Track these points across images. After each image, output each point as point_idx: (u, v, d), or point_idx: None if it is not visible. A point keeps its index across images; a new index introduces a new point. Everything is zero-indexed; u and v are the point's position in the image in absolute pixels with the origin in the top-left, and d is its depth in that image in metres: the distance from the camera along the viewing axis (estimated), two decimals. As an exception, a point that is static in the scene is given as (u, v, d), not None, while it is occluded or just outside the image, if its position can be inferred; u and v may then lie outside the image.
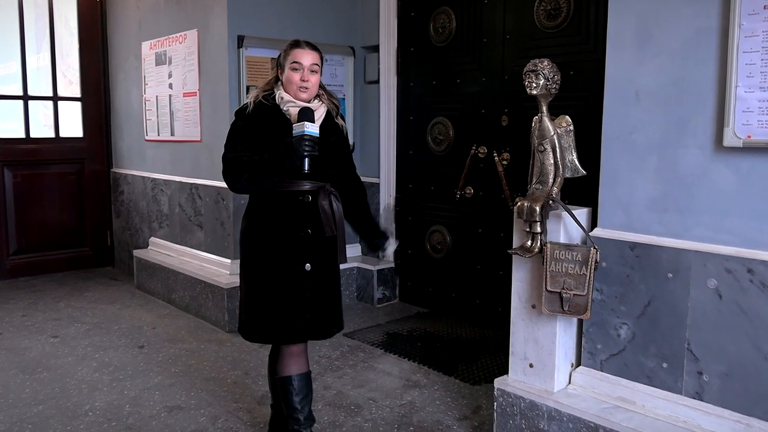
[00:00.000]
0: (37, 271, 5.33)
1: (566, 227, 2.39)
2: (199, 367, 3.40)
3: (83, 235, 5.57)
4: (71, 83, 5.53)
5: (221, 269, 4.18)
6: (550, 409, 2.37)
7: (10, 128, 5.25)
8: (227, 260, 4.16)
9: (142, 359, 3.51)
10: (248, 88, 4.03)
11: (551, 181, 2.39)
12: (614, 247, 2.33)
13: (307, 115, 2.20)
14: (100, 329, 4.01)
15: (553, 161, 2.38)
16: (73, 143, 5.48)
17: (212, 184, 4.24)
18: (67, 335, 3.90)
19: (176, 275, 4.43)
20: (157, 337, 3.87)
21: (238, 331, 2.44)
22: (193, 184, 4.47)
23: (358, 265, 4.55)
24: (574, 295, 2.27)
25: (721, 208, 2.10)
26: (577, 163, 2.45)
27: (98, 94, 5.56)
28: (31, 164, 5.26)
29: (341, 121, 2.45)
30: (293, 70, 2.28)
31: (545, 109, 2.40)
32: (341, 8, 4.51)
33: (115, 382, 3.20)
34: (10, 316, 4.28)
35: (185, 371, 3.34)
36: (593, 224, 2.48)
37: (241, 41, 4.00)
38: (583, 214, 2.47)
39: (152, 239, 5.01)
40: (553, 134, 2.38)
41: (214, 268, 4.25)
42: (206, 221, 4.35)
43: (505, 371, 2.62)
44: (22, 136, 5.23)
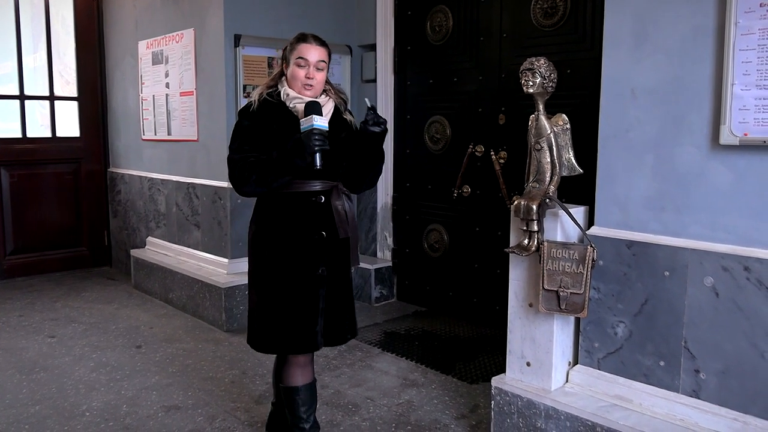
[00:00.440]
0: (34, 271, 5.32)
1: (563, 226, 2.39)
2: (196, 366, 3.39)
3: (80, 234, 5.57)
4: (68, 83, 5.52)
5: (218, 269, 4.17)
6: (547, 407, 2.37)
7: (6, 128, 5.23)
8: (224, 260, 4.15)
9: (139, 359, 3.50)
10: (245, 87, 4.03)
11: (548, 179, 2.39)
12: (611, 245, 2.34)
13: (314, 108, 2.09)
14: (97, 329, 4.00)
15: (549, 160, 2.38)
16: (69, 143, 5.47)
17: (209, 183, 4.24)
18: (64, 335, 3.89)
19: (173, 275, 4.42)
20: (154, 336, 3.86)
21: (247, 342, 2.32)
22: (190, 183, 4.46)
23: (355, 264, 4.55)
24: (571, 293, 2.27)
25: (717, 206, 2.10)
26: (573, 161, 2.45)
27: (95, 93, 5.55)
28: (27, 164, 5.25)
29: (350, 116, 2.33)
30: (298, 66, 2.17)
31: (542, 107, 2.40)
32: (338, 7, 4.51)
33: (112, 382, 3.20)
34: (7, 316, 4.28)
35: (182, 371, 3.33)
36: (590, 222, 2.48)
37: (237, 40, 4.00)
38: (580, 212, 2.46)
39: (149, 239, 5.00)
40: (549, 133, 2.38)
41: (211, 267, 4.24)
42: (203, 221, 4.35)
43: (502, 370, 2.62)
44: (18, 135, 5.22)
